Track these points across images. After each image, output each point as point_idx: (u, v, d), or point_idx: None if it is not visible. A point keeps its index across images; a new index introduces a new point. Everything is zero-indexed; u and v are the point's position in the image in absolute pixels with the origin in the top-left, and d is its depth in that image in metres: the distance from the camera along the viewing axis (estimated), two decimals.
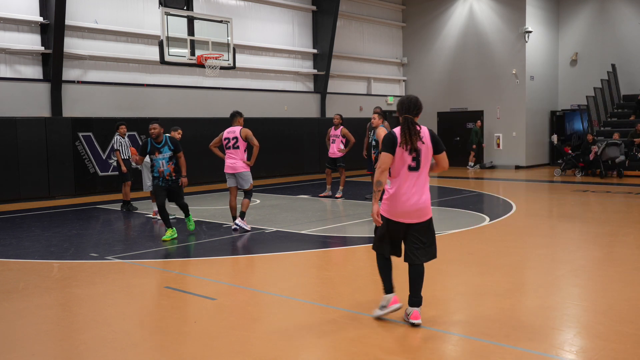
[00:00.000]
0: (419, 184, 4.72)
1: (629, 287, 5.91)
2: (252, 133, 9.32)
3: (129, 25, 15.81)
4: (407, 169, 4.70)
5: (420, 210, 4.73)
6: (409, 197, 4.70)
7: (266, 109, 18.74)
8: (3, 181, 13.29)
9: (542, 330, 4.69)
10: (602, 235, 8.78)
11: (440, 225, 9.89)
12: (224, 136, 9.39)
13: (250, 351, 4.36)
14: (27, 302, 5.75)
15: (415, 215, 4.74)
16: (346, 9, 21.55)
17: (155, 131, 8.72)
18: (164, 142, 8.78)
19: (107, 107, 15.19)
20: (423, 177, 4.75)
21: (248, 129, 9.33)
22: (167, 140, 8.81)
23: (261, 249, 8.23)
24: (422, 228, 4.78)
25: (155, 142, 8.77)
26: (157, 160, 8.74)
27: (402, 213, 4.73)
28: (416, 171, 4.71)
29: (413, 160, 4.69)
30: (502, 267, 6.81)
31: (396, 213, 4.75)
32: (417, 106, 4.77)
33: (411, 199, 4.70)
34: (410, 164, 4.69)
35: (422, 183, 4.75)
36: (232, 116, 9.44)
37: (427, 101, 23.43)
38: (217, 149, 9.57)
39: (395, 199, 4.74)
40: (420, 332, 4.68)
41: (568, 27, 22.24)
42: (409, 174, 4.71)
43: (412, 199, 4.70)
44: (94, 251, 8.03)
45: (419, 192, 4.72)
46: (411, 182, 4.71)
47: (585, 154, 17.61)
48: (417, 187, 4.72)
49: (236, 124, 9.37)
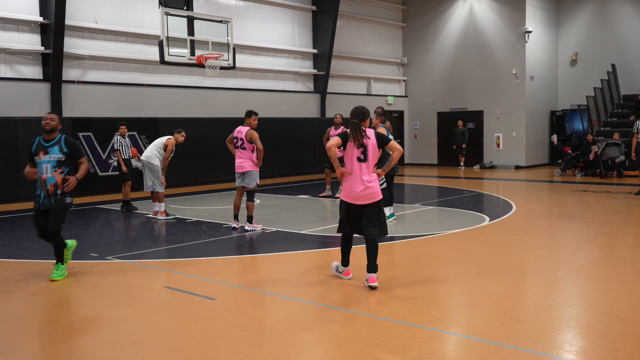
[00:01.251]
0: (367, 172, 5.95)
1: (629, 287, 5.91)
2: (258, 135, 9.22)
3: (129, 25, 15.81)
4: (356, 160, 5.96)
5: (369, 194, 5.94)
6: (359, 184, 5.93)
7: (266, 109, 18.72)
8: (3, 181, 13.29)
9: (542, 330, 4.69)
10: (602, 235, 8.78)
11: (440, 225, 9.91)
12: (234, 135, 9.40)
13: (250, 351, 4.36)
14: (27, 302, 5.75)
15: (365, 198, 5.96)
16: (346, 9, 21.55)
17: (51, 123, 6.50)
18: (56, 140, 6.54)
19: (107, 107, 15.19)
20: (369, 167, 5.96)
21: (255, 131, 9.23)
22: (60, 139, 6.57)
23: (261, 249, 8.23)
24: (374, 208, 5.98)
25: (44, 139, 6.55)
26: (40, 163, 6.45)
27: (356, 196, 5.96)
28: (364, 162, 5.96)
29: (361, 154, 5.95)
30: (502, 267, 6.81)
31: (351, 197, 5.99)
32: (362, 113, 6.03)
33: (361, 185, 5.92)
34: (359, 156, 5.96)
35: (368, 172, 5.96)
36: (245, 115, 9.42)
37: (427, 101, 23.56)
38: (232, 145, 9.55)
39: (349, 185, 5.99)
40: (420, 332, 4.69)
41: (568, 27, 22.24)
42: (358, 164, 5.96)
43: (359, 188, 5.93)
44: (94, 251, 8.03)
45: (364, 179, 5.93)
46: (360, 171, 5.94)
47: (585, 154, 17.61)
48: (362, 176, 5.93)
49: (246, 124, 9.34)
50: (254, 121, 9.34)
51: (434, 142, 23.51)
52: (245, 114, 9.39)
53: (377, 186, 6.00)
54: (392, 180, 9.99)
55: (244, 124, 9.34)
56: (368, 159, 5.97)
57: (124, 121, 12.51)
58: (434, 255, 7.61)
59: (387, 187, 9.91)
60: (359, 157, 5.96)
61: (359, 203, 5.97)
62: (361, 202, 5.97)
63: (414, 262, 7.23)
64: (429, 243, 8.30)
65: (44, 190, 6.46)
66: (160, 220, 10.66)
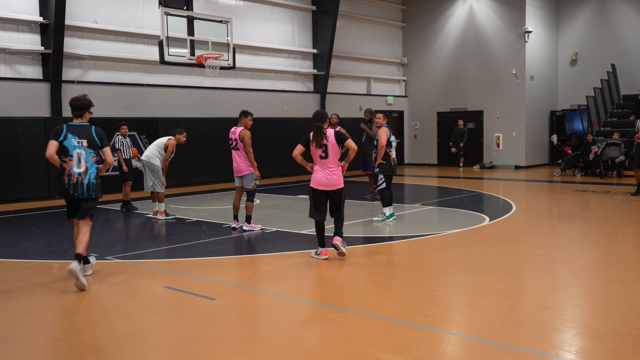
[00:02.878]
0: (328, 166, 7.19)
1: (628, 287, 5.91)
2: (249, 137, 9.08)
3: (129, 25, 15.81)
4: (319, 158, 7.20)
5: (330, 182, 7.17)
6: (322, 175, 7.20)
7: (266, 109, 18.74)
8: (3, 181, 13.29)
9: (542, 330, 4.69)
10: (602, 235, 8.78)
11: (440, 225, 9.91)
12: (229, 136, 9.35)
13: (250, 351, 4.36)
14: (27, 302, 5.75)
15: (328, 185, 7.19)
16: (346, 9, 21.55)
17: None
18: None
19: (107, 107, 15.18)
20: (331, 162, 7.19)
21: (247, 132, 9.11)
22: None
23: (261, 249, 8.23)
24: (337, 194, 7.27)
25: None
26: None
27: (320, 184, 7.20)
28: (325, 159, 7.19)
29: (323, 152, 7.17)
30: (502, 267, 6.81)
31: (317, 184, 7.21)
32: (322, 117, 7.28)
33: (324, 177, 7.19)
34: (320, 154, 7.19)
35: (331, 165, 7.19)
36: (239, 115, 9.35)
37: (426, 101, 23.56)
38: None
39: (315, 175, 7.25)
40: (420, 332, 4.69)
41: (568, 27, 22.24)
42: (321, 160, 7.20)
43: (324, 177, 7.19)
44: (94, 251, 8.02)
45: (329, 171, 7.19)
46: (323, 165, 7.20)
47: (585, 154, 17.61)
48: (327, 168, 7.19)
49: (240, 124, 9.27)
50: (250, 121, 9.27)
51: (433, 142, 23.50)
52: (240, 114, 9.29)
53: (340, 178, 7.23)
54: (390, 180, 10.00)
55: (238, 124, 9.30)
56: (329, 156, 7.17)
57: (125, 121, 12.52)
58: (434, 255, 7.61)
59: (387, 187, 9.92)
60: (321, 155, 7.19)
61: (324, 189, 7.20)
62: (326, 189, 7.19)
63: (414, 262, 7.23)
64: (429, 243, 8.30)
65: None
66: (160, 220, 10.66)
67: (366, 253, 7.77)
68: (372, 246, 8.24)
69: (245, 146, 9.08)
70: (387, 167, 9.82)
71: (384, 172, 9.83)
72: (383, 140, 9.69)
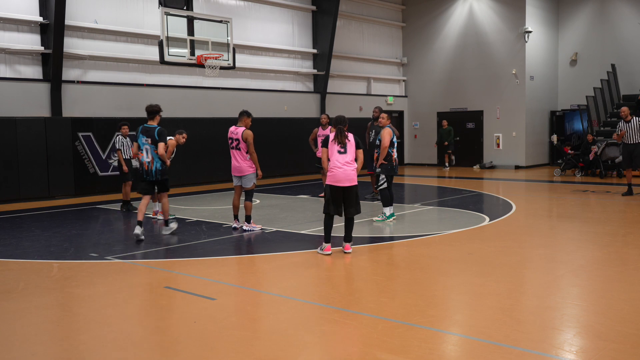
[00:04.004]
0: (345, 161, 7.49)
1: (629, 287, 5.91)
2: (252, 138, 9.13)
3: (129, 25, 15.81)
4: (337, 153, 7.54)
5: (349, 177, 7.46)
6: (342, 171, 7.44)
7: (266, 109, 18.74)
8: (3, 181, 13.29)
9: (542, 330, 4.69)
10: (602, 235, 8.78)
11: (440, 225, 9.91)
12: (228, 135, 9.35)
13: (250, 351, 4.36)
14: (27, 302, 5.75)
15: (347, 181, 7.45)
16: (346, 9, 21.55)
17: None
18: None
19: (107, 107, 15.19)
20: (348, 157, 7.52)
21: (250, 132, 9.15)
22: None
23: (261, 249, 8.23)
24: (353, 190, 7.52)
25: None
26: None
27: (339, 181, 7.45)
28: (344, 154, 7.52)
29: (342, 148, 7.53)
30: (502, 267, 6.81)
31: (336, 181, 7.46)
32: (344, 120, 7.80)
33: (342, 173, 7.44)
34: (339, 149, 7.54)
35: (348, 160, 7.51)
36: (239, 115, 9.37)
37: (427, 101, 23.57)
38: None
39: (333, 173, 7.49)
40: (420, 332, 4.69)
41: (568, 27, 22.24)
42: (339, 155, 7.52)
43: (343, 173, 7.44)
44: (94, 251, 8.03)
45: (346, 167, 7.47)
46: (341, 161, 7.48)
47: (585, 154, 17.61)
48: (344, 164, 7.47)
49: (241, 124, 9.29)
50: (250, 122, 9.33)
51: (433, 142, 23.50)
52: (241, 113, 9.33)
53: (354, 174, 7.54)
54: (391, 180, 10.00)
55: (238, 124, 9.31)
56: (347, 151, 7.54)
57: (125, 121, 12.51)
58: (434, 255, 7.61)
59: (387, 187, 9.92)
60: (339, 150, 7.53)
61: (342, 185, 7.46)
62: (343, 185, 7.45)
63: (414, 262, 7.23)
64: (429, 243, 8.30)
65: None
66: (160, 220, 10.65)
67: (366, 253, 7.77)
68: (372, 246, 8.24)
69: (249, 146, 9.12)
70: (389, 167, 9.83)
71: (385, 172, 9.84)
72: (386, 142, 9.68)
